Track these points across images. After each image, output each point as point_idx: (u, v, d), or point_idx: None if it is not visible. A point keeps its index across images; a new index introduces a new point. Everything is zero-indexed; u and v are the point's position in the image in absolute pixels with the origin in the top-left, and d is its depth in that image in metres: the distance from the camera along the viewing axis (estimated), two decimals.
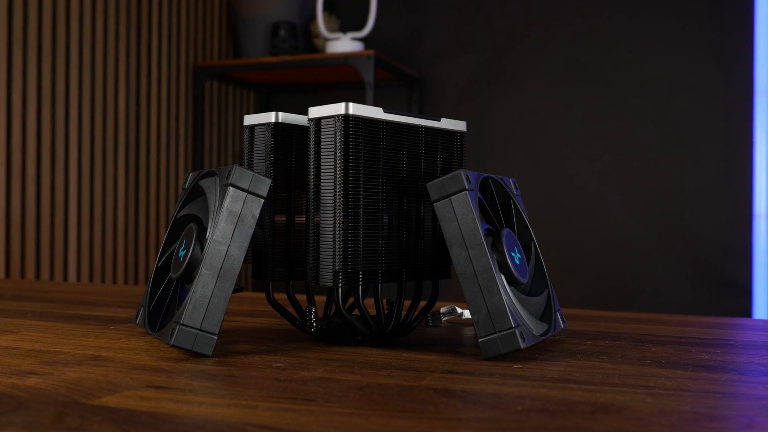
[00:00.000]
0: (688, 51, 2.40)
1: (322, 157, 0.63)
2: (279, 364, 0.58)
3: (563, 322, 0.72)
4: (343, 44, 2.40)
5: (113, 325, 0.78)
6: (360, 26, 2.61)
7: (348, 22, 2.71)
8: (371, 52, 2.28)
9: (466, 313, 0.83)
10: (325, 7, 2.66)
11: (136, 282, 2.20)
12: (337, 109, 0.62)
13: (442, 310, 0.82)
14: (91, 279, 2.04)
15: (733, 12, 2.36)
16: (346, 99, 2.56)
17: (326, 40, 2.48)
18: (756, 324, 0.88)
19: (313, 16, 2.64)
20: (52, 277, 1.91)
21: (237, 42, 2.65)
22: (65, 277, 1.95)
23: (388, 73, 2.47)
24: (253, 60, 2.46)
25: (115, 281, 2.12)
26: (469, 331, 0.79)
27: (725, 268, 2.37)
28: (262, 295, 1.09)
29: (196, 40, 2.49)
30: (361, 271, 0.63)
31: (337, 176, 0.62)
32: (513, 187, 0.74)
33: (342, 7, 2.77)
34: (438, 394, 0.49)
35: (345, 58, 2.32)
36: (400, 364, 0.59)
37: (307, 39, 2.68)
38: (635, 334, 0.77)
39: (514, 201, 0.72)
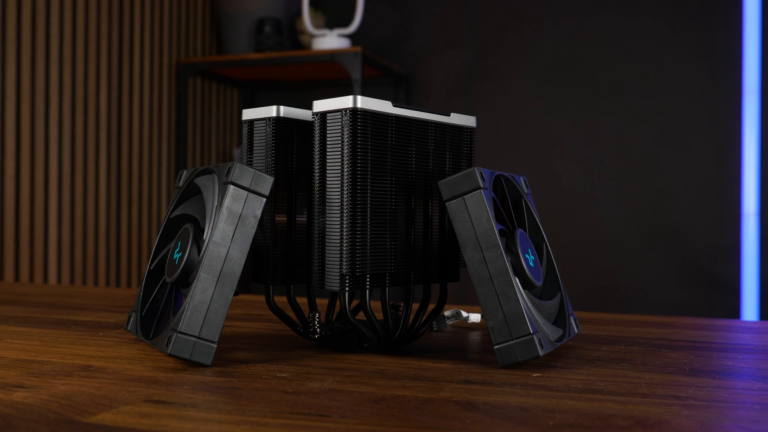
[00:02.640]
0: (676, 49, 2.38)
1: (327, 153, 0.59)
2: (284, 374, 0.54)
3: (577, 326, 0.69)
4: (330, 41, 2.36)
5: (102, 331, 0.74)
6: (346, 23, 2.58)
7: (334, 19, 2.67)
8: (358, 48, 2.24)
9: (472, 317, 0.80)
10: (311, 3, 2.62)
11: (118, 284, 2.15)
12: (344, 102, 0.58)
13: (447, 313, 0.79)
14: (72, 281, 1.98)
15: (722, 10, 2.34)
16: (333, 97, 2.52)
17: (312, 36, 2.44)
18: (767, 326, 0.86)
19: (299, 12, 2.59)
20: (31, 279, 1.86)
21: (221, 38, 2.61)
22: (45, 279, 1.90)
23: (375, 71, 2.44)
24: (237, 56, 2.41)
25: (96, 283, 2.07)
26: (475, 336, 0.76)
27: (714, 268, 2.35)
28: (255, 297, 1.05)
29: (179, 37, 2.45)
30: (368, 275, 0.60)
31: (345, 173, 0.58)
32: (524, 185, 0.71)
33: (328, 3, 2.73)
34: (460, 407, 0.46)
35: (332, 55, 2.28)
36: (412, 374, 0.55)
37: (292, 36, 2.64)
38: (649, 338, 0.74)
39: (525, 200, 0.69)
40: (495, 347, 0.57)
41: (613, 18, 2.44)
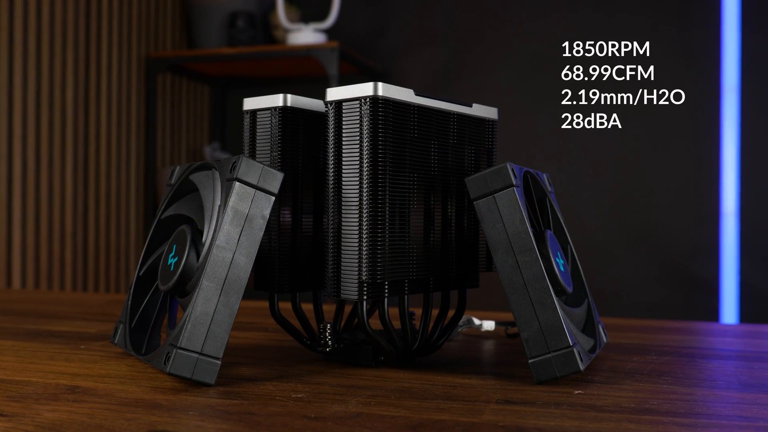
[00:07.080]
0: (655, 48, 2.36)
1: (343, 146, 0.53)
2: (300, 395, 0.48)
3: (605, 335, 0.64)
4: (305, 36, 2.29)
5: (83, 343, 0.67)
6: (321, 17, 2.51)
7: (309, 13, 2.60)
8: (335, 43, 2.18)
9: (485, 325, 0.74)
10: None
11: (85, 288, 2.06)
12: (364, 90, 0.53)
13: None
14: (36, 284, 1.89)
15: (701, 8, 2.33)
16: (309, 94, 2.45)
17: (287, 31, 2.37)
18: None
19: (273, 6, 2.52)
20: None
21: (191, 32, 2.52)
22: (9, 283, 1.81)
23: (350, 66, 2.37)
24: (208, 51, 2.33)
25: (62, 287, 1.98)
26: (489, 346, 0.70)
27: (693, 268, 2.34)
28: (246, 303, 0.98)
29: (148, 30, 2.36)
30: (387, 282, 0.54)
31: (364, 169, 0.52)
32: (547, 183, 0.66)
33: None
34: None
35: (308, 51, 2.21)
36: (442, 392, 0.50)
37: (266, 30, 2.56)
38: (676, 346, 0.69)
39: (549, 199, 0.64)
40: (530, 361, 0.52)
41: (592, 15, 2.41)
